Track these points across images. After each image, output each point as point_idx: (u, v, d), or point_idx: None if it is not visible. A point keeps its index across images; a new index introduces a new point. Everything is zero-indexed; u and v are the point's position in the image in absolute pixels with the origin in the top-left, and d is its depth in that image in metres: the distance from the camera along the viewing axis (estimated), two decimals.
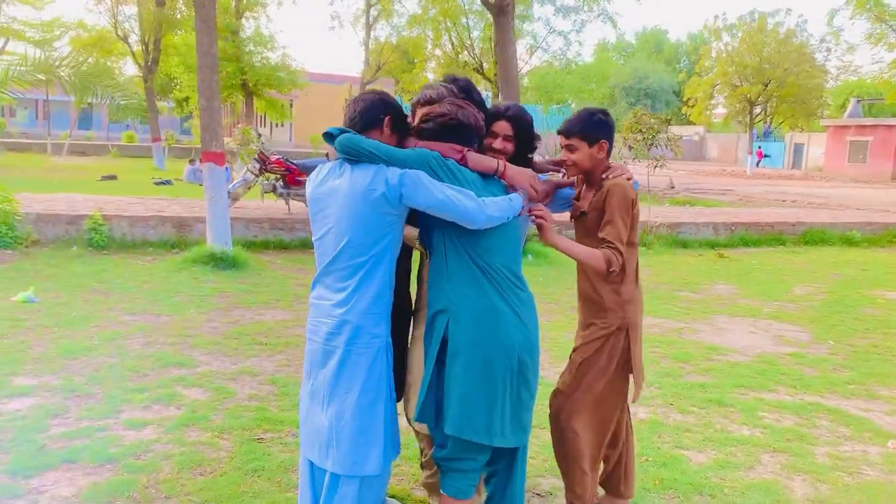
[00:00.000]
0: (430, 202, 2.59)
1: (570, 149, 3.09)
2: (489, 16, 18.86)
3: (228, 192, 10.98)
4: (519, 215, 2.80)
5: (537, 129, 3.15)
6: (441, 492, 2.85)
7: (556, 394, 3.20)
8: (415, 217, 2.79)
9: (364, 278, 2.64)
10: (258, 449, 3.93)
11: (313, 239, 2.79)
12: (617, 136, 14.06)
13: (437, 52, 30.67)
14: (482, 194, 2.70)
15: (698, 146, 58.53)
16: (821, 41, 40.07)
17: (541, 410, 3.28)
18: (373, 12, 28.93)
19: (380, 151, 2.62)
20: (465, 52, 26.93)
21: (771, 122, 48.26)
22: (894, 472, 4.05)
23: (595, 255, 2.88)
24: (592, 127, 3.06)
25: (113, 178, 21.75)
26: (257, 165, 11.54)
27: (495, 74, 26.28)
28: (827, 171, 42.82)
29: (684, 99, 45.92)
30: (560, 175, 3.37)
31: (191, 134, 42.35)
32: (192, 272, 8.48)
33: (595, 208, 3.04)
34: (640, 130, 11.78)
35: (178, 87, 36.22)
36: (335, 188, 2.67)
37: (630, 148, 11.79)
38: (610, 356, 3.09)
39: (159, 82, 33.14)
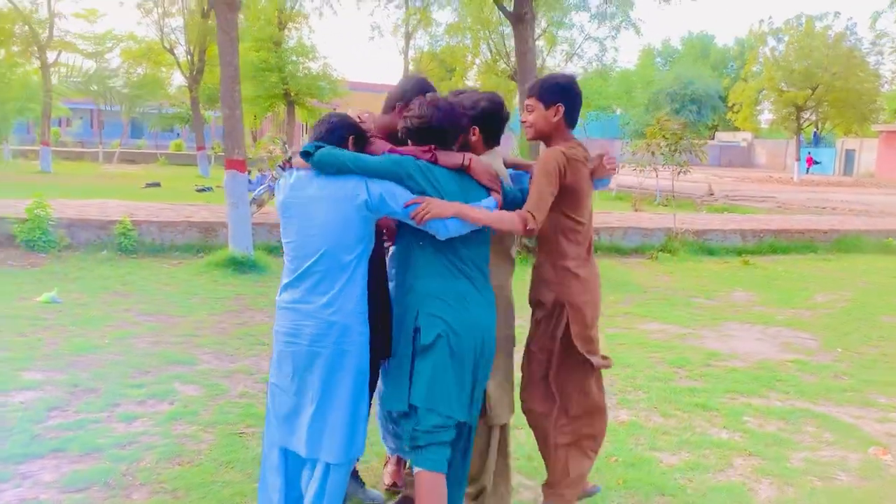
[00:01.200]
0: (404, 214, 2.78)
1: (528, 108, 3.14)
2: None
3: (254, 199, 11.31)
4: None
5: (579, 137, 3.28)
6: (417, 469, 2.88)
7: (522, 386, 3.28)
8: None
9: (349, 280, 2.80)
10: (237, 442, 4.11)
11: (284, 241, 2.92)
12: (640, 142, 14.05)
13: (477, 60, 30.91)
14: (455, 191, 2.83)
15: (746, 152, 57.50)
16: (872, 44, 39.12)
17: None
18: (412, 22, 29.23)
19: (359, 164, 2.77)
20: (502, 61, 27.04)
21: (820, 128, 47.17)
22: (868, 477, 4.03)
23: (506, 217, 2.84)
24: (549, 89, 3.08)
25: (157, 185, 22.40)
26: (283, 172, 11.83)
27: None
28: (879, 177, 41.66)
29: (729, 104, 45.16)
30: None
31: None
32: (213, 275, 8.76)
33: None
34: (664, 136, 11.72)
35: None
36: (313, 195, 2.81)
37: (653, 153, 11.74)
38: (552, 335, 3.11)
39: (206, 92, 34.05)
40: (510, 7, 10.61)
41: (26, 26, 26.85)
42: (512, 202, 3.01)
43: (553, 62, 28.19)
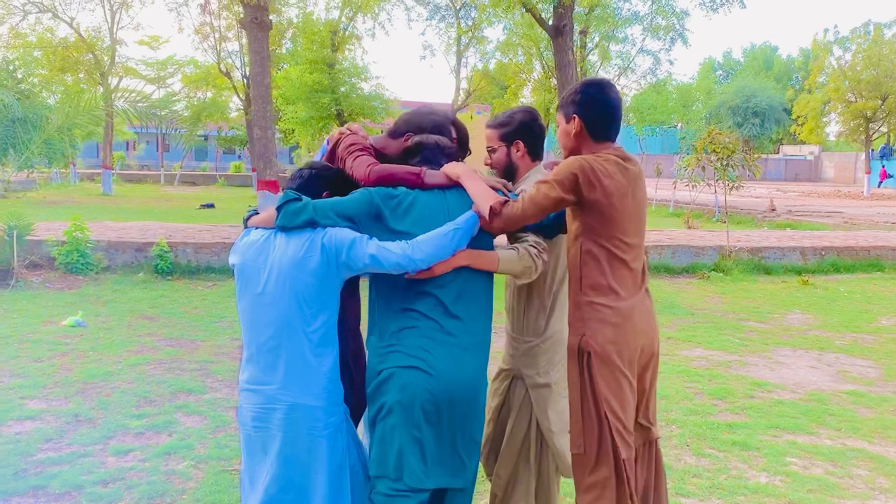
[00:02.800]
0: (365, 263, 2.44)
1: (557, 124, 2.81)
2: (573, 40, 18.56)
3: None
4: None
5: (633, 152, 2.98)
6: None
7: None
8: None
9: (312, 354, 2.46)
10: (226, 481, 3.86)
11: (239, 311, 2.61)
12: (690, 157, 13.49)
13: (531, 76, 30.64)
14: (436, 218, 2.55)
15: (813, 166, 55.54)
16: None
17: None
18: (463, 40, 29.13)
19: (321, 210, 2.48)
20: (554, 78, 26.68)
21: (891, 140, 45.18)
22: None
23: (487, 194, 2.54)
24: (566, 100, 2.72)
25: (211, 206, 22.73)
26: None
27: None
28: None
29: (794, 117, 43.63)
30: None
31: (294, 164, 43.93)
32: None
33: None
34: (715, 150, 11.18)
35: (281, 118, 37.85)
36: (269, 258, 2.49)
37: (703, 169, 11.21)
38: (573, 385, 2.59)
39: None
40: (549, 20, 10.31)
41: (90, 54, 27.84)
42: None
43: (606, 77, 27.68)
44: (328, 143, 2.92)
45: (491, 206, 2.50)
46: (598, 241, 2.56)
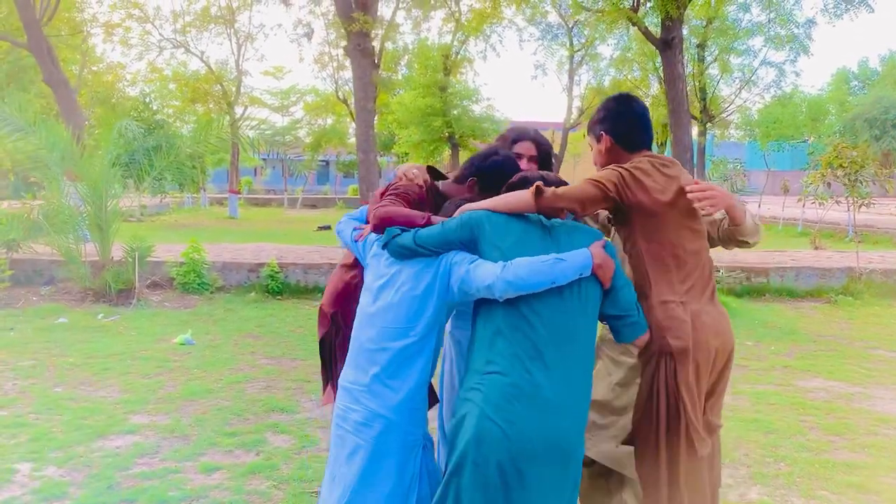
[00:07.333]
0: (464, 281, 2.43)
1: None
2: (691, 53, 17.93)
3: None
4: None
5: (754, 169, 2.92)
6: None
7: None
8: None
9: (401, 367, 2.47)
10: (306, 502, 3.86)
11: (358, 304, 2.67)
12: (815, 173, 12.67)
13: (647, 91, 29.89)
14: (516, 246, 2.44)
15: None
16: None
17: None
18: (576, 58, 28.86)
19: (419, 240, 2.50)
20: None
21: None
22: None
23: (520, 194, 2.50)
24: (593, 120, 2.85)
25: (327, 228, 23.40)
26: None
27: (701, 112, 25.00)
28: None
29: None
30: None
31: None
32: None
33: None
34: (842, 165, 10.44)
35: (396, 142, 38.74)
36: (387, 264, 2.57)
37: (829, 185, 10.49)
38: (650, 393, 2.54)
39: (381, 139, 35.48)
40: (657, 33, 9.99)
41: (218, 85, 29.53)
42: None
43: (728, 90, 26.64)
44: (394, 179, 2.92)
45: (537, 186, 2.45)
46: (654, 242, 2.56)
